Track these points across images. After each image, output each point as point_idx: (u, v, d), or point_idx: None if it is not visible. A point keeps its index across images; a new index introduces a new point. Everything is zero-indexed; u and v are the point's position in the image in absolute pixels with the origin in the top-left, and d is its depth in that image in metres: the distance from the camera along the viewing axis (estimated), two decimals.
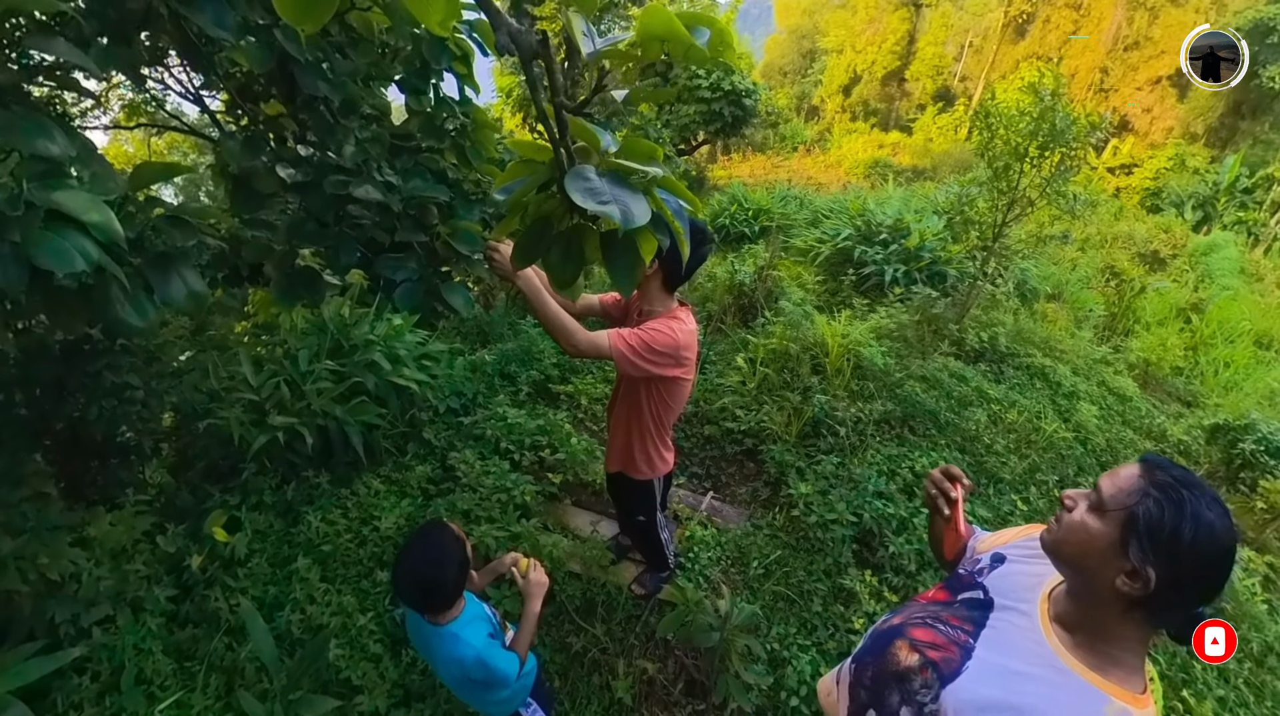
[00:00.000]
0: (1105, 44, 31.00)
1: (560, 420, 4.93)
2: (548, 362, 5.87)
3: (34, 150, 1.14)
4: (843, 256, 8.72)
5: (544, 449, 4.59)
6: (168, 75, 3.46)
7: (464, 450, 4.45)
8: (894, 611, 1.64)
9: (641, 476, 2.95)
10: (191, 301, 1.47)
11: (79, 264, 1.10)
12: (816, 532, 3.96)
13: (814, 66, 43.66)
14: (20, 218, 1.07)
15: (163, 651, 2.95)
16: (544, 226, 1.30)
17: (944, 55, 38.09)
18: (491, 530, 3.72)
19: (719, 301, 7.41)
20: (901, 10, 38.55)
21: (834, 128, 35.92)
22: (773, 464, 4.67)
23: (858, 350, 5.56)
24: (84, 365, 3.36)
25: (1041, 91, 6.02)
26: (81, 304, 1.29)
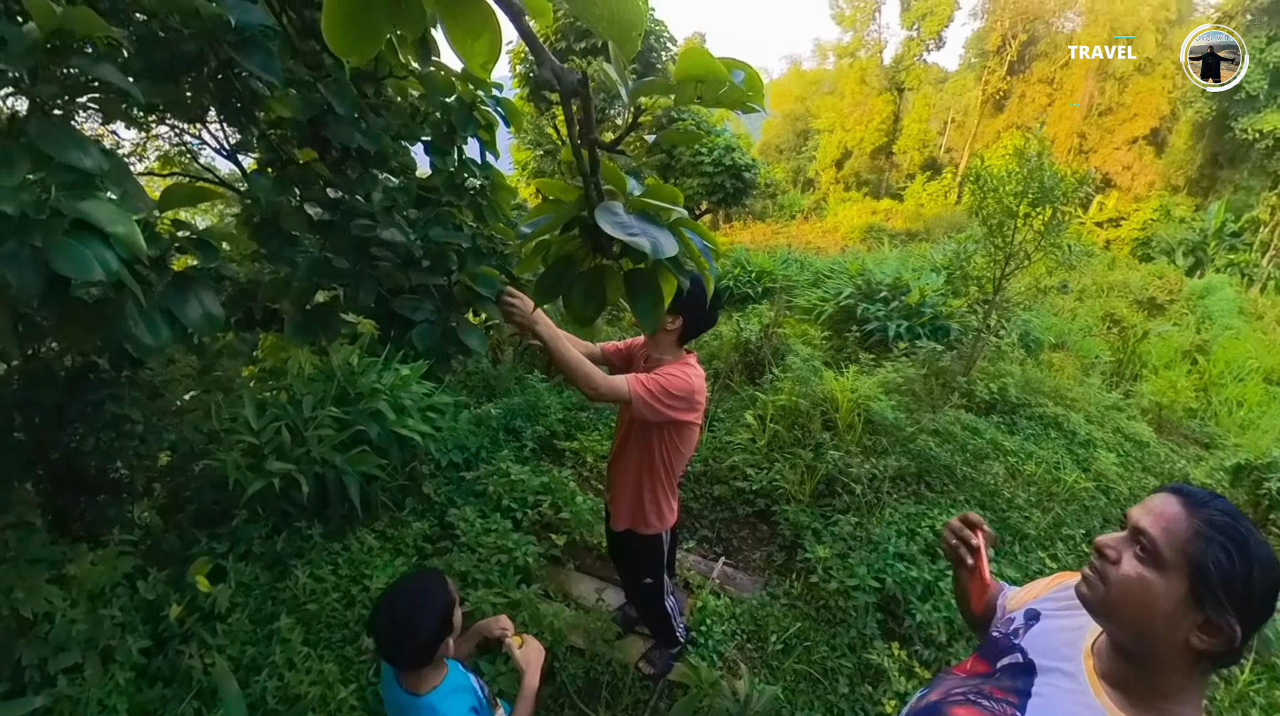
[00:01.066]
0: (1081, 111, 31.42)
1: (565, 478, 4.52)
2: (553, 418, 5.49)
3: (68, 160, 1.11)
4: (846, 314, 8.39)
5: (547, 507, 4.19)
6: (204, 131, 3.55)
7: (464, 507, 4.06)
8: (929, 686, 1.42)
9: (651, 530, 2.73)
10: (207, 324, 1.40)
11: (97, 272, 1.05)
12: (837, 601, 3.50)
13: (808, 144, 44.41)
14: (44, 222, 1.04)
15: (128, 711, 2.59)
16: (566, 265, 1.27)
17: (928, 130, 38.63)
18: (489, 595, 3.31)
19: (725, 359, 7.04)
20: (885, 94, 39.25)
21: (829, 197, 36.29)
22: (787, 525, 4.23)
23: (868, 404, 5.17)
24: (87, 394, 3.12)
25: (1028, 154, 6.09)
26: (94, 319, 1.23)
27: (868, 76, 39.54)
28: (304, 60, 1.83)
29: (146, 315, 1.29)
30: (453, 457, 4.55)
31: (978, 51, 37.18)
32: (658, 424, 2.46)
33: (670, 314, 2.41)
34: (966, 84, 37.86)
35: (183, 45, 1.48)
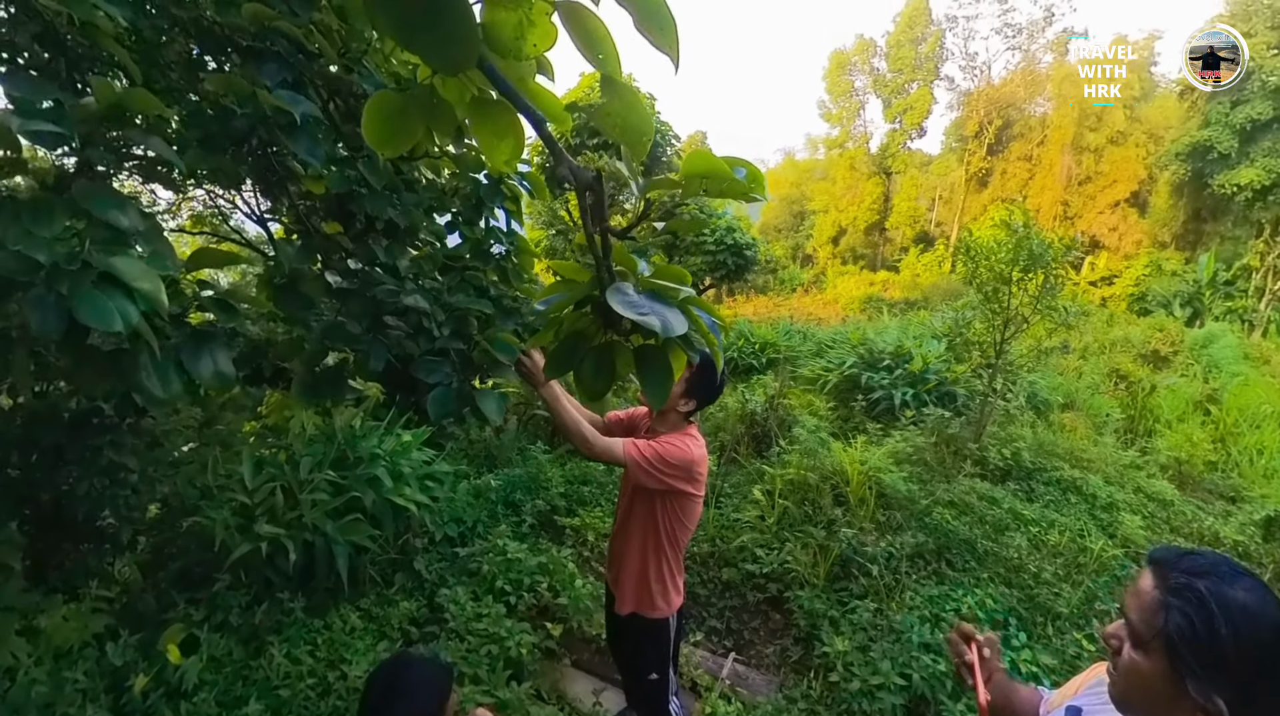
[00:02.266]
0: (1060, 183, 31.62)
1: (564, 558, 4.04)
2: (555, 491, 5.04)
3: (106, 218, 1.13)
4: (850, 383, 7.96)
5: (545, 590, 3.74)
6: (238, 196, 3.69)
7: (456, 587, 3.63)
8: None
9: (658, 613, 2.49)
10: (217, 381, 1.38)
11: (117, 324, 1.04)
12: (860, 703, 2.99)
13: (804, 223, 44.88)
14: (74, 273, 1.04)
15: None
16: (578, 340, 1.27)
17: (918, 207, 38.88)
18: (475, 692, 2.88)
19: (731, 431, 6.59)
20: (875, 178, 39.71)
21: (827, 271, 36.26)
22: (801, 613, 3.74)
23: (878, 476, 4.71)
24: (88, 437, 2.97)
25: (1014, 224, 6.05)
26: (109, 366, 1.21)
27: (857, 164, 40.09)
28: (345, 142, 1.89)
29: (160, 367, 1.27)
30: (448, 531, 4.15)
31: (957, 137, 37.97)
32: (659, 493, 2.33)
33: (685, 397, 2.34)
34: (950, 165, 38.44)
35: (234, 123, 1.52)
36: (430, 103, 1.00)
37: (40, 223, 1.08)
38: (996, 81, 36.32)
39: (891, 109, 38.72)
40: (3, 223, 1.05)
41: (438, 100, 1.00)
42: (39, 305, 1.02)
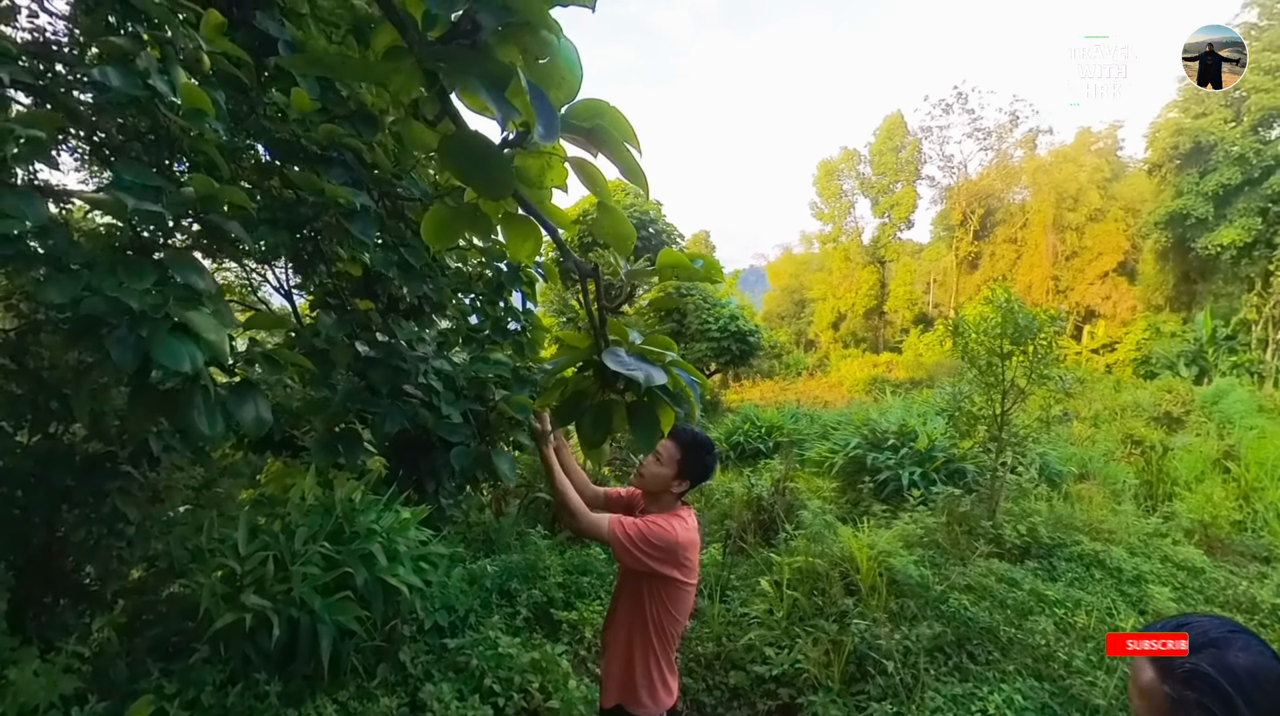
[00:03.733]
0: (1047, 260, 31.69)
1: (558, 655, 3.59)
2: (552, 582, 4.60)
3: (188, 281, 1.28)
4: (856, 465, 7.52)
5: (536, 690, 3.31)
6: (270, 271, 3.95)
7: (441, 683, 3.23)
8: None
9: (644, 711, 2.20)
10: (256, 426, 1.47)
11: (185, 365, 1.16)
12: None
13: (805, 311, 44.92)
14: (155, 320, 1.17)
15: None
16: (579, 398, 1.40)
17: (914, 291, 38.95)
18: None
19: (738, 518, 6.15)
20: (869, 266, 40.03)
21: (830, 355, 35.86)
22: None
23: (889, 561, 4.27)
24: (99, 482, 2.92)
25: (999, 302, 6.00)
26: (164, 404, 1.28)
27: (851, 255, 40.50)
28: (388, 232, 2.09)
29: (210, 409, 1.35)
30: (438, 619, 3.77)
31: (944, 227, 38.64)
32: (646, 578, 2.14)
33: (677, 478, 2.22)
34: (940, 252, 38.83)
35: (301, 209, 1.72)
36: (474, 215, 1.24)
37: (133, 277, 1.22)
38: (974, 177, 37.27)
39: (879, 206, 39.61)
40: (101, 273, 1.18)
41: (479, 214, 1.24)
42: (121, 343, 1.14)
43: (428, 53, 0.88)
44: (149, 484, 3.20)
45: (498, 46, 0.90)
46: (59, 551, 3.00)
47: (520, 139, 1.04)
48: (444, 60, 0.88)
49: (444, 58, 0.88)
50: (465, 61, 0.86)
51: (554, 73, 0.98)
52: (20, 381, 2.79)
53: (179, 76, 1.38)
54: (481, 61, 0.86)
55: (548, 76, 0.98)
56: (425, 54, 0.89)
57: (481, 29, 0.87)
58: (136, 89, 1.32)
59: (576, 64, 1.00)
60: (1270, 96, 22.40)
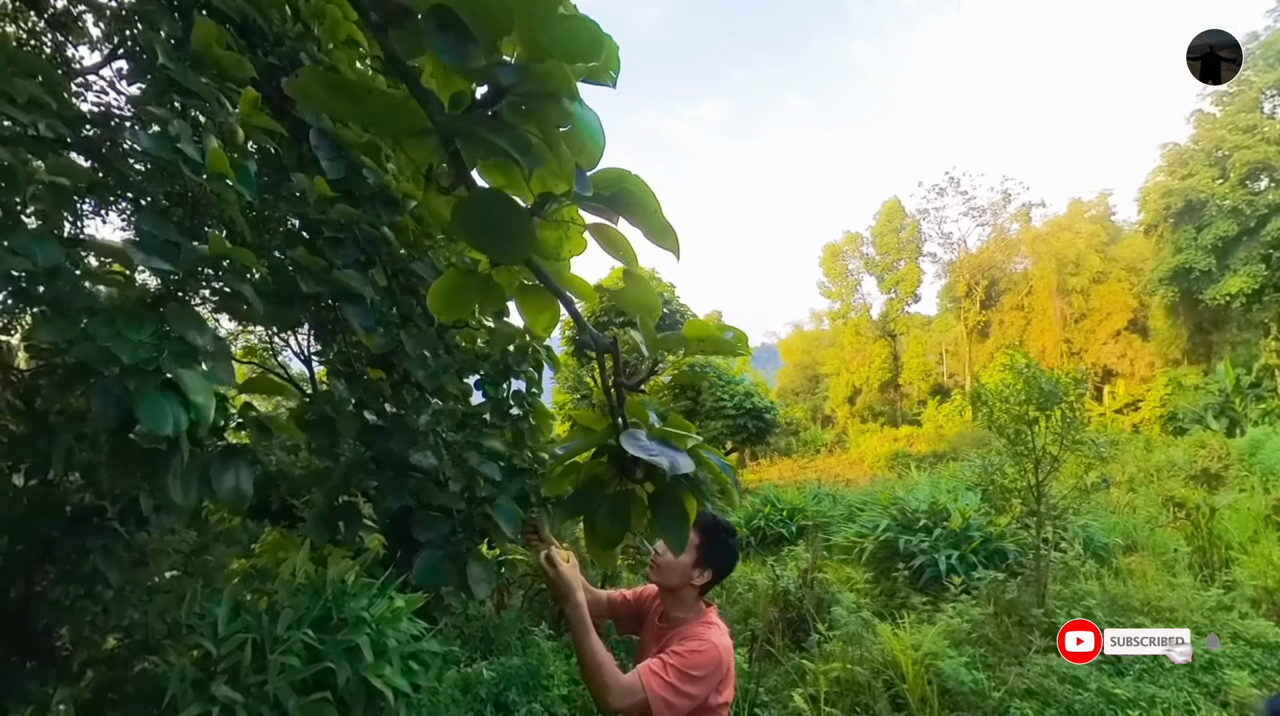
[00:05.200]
0: (1057, 324, 31.46)
1: None
2: (556, 695, 4.08)
3: (187, 336, 1.23)
4: (888, 549, 7.03)
5: None
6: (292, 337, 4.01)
7: None
8: None
9: None
10: (233, 497, 1.43)
11: (167, 427, 1.11)
12: None
13: (820, 386, 44.45)
14: (145, 374, 1.12)
15: None
16: (594, 486, 1.28)
17: (927, 362, 38.63)
18: None
19: (763, 615, 5.59)
20: (880, 340, 39.91)
21: (849, 430, 35.04)
22: None
23: (937, 665, 3.83)
24: (83, 537, 2.66)
25: (1019, 368, 5.72)
26: (142, 462, 1.23)
27: (861, 330, 40.48)
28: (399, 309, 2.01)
29: (187, 475, 1.30)
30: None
31: (950, 299, 38.95)
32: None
33: (698, 567, 1.91)
34: (949, 323, 38.89)
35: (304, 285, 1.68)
36: (486, 284, 1.20)
37: (131, 327, 1.17)
38: (974, 251, 37.90)
39: (885, 282, 40.05)
40: (98, 322, 1.15)
41: (492, 283, 1.20)
42: (104, 396, 1.09)
43: (447, 125, 0.88)
44: (136, 545, 2.92)
45: (517, 118, 0.88)
46: (34, 608, 2.72)
47: (540, 207, 1.01)
48: (464, 131, 0.87)
49: (463, 128, 0.88)
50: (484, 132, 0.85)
51: (575, 140, 0.96)
52: (25, 422, 2.65)
53: (210, 144, 1.41)
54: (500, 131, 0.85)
55: (569, 145, 0.96)
56: (445, 126, 0.88)
57: (501, 99, 0.86)
58: (166, 153, 1.35)
59: (598, 132, 0.97)
60: (1253, 152, 23.10)
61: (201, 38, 1.50)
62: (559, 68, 0.83)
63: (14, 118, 1.31)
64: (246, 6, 1.73)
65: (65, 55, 3.07)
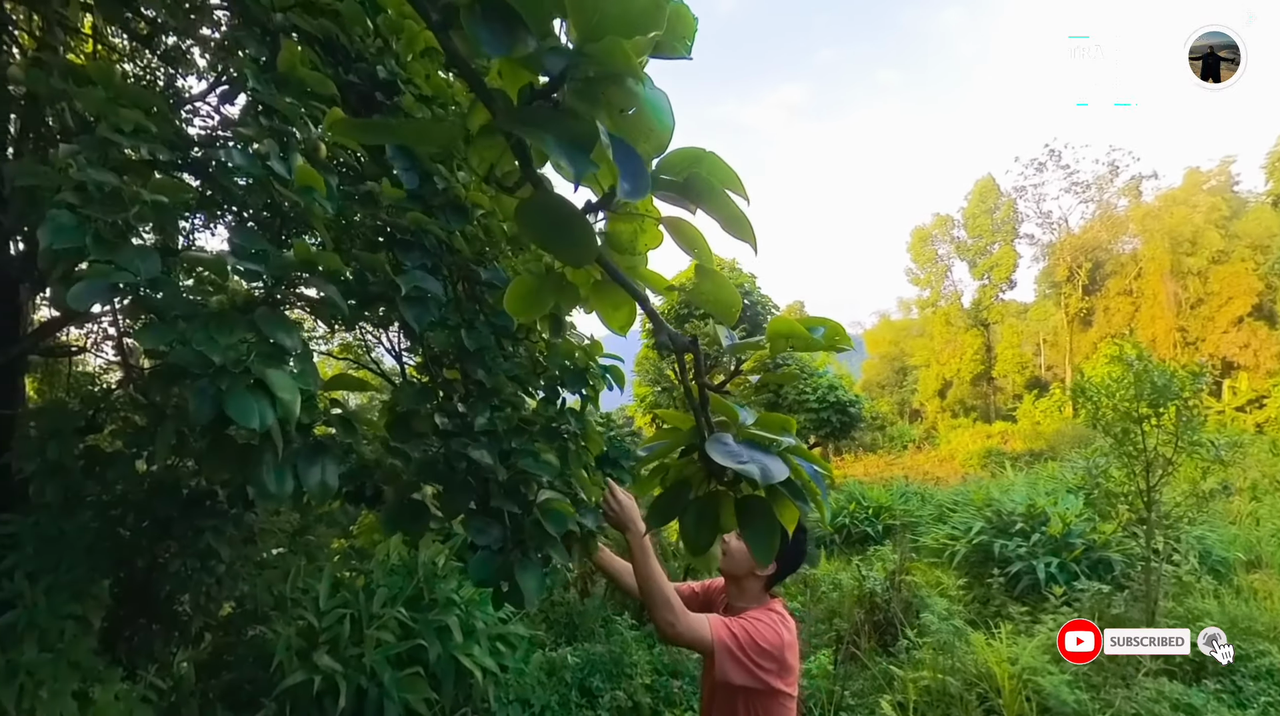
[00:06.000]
0: (1170, 310, 28.98)
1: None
2: (640, 682, 4.12)
3: (275, 338, 1.28)
4: (981, 553, 6.67)
5: None
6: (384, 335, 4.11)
7: None
8: None
9: None
10: (320, 491, 1.44)
11: (254, 423, 1.16)
12: None
13: (907, 379, 42.49)
14: (235, 375, 1.18)
15: None
16: (682, 489, 1.22)
17: (1023, 353, 36.45)
18: None
19: (848, 616, 5.44)
20: (973, 329, 37.88)
21: (938, 426, 33.32)
22: None
23: (1036, 681, 3.60)
24: (197, 517, 3.00)
25: (1128, 359, 5.20)
26: (237, 456, 1.29)
27: (952, 319, 38.56)
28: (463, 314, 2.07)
29: (279, 468, 1.35)
30: (511, 713, 3.49)
31: (1049, 284, 36.42)
32: (743, 693, 1.78)
33: None
34: (1048, 310, 36.39)
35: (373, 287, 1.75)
36: (560, 284, 1.20)
37: (222, 331, 1.25)
38: (1076, 231, 35.18)
39: (978, 268, 37.93)
40: (194, 326, 1.24)
41: (566, 282, 1.20)
42: (199, 395, 1.16)
43: (508, 119, 0.84)
44: (245, 524, 3.27)
45: (580, 103, 0.83)
46: (157, 579, 3.06)
47: (607, 200, 0.96)
48: (523, 123, 0.83)
49: (524, 121, 0.83)
50: (545, 122, 0.81)
51: (641, 124, 0.90)
52: (146, 414, 2.94)
53: (296, 160, 1.51)
54: (561, 120, 0.80)
55: (635, 129, 0.90)
56: (506, 120, 0.84)
57: (559, 86, 0.82)
58: (256, 170, 1.45)
59: (666, 113, 0.91)
60: None
61: (287, 59, 1.59)
62: (617, 45, 0.77)
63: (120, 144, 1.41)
64: (330, 26, 1.82)
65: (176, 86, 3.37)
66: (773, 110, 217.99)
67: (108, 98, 1.43)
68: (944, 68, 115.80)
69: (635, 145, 0.87)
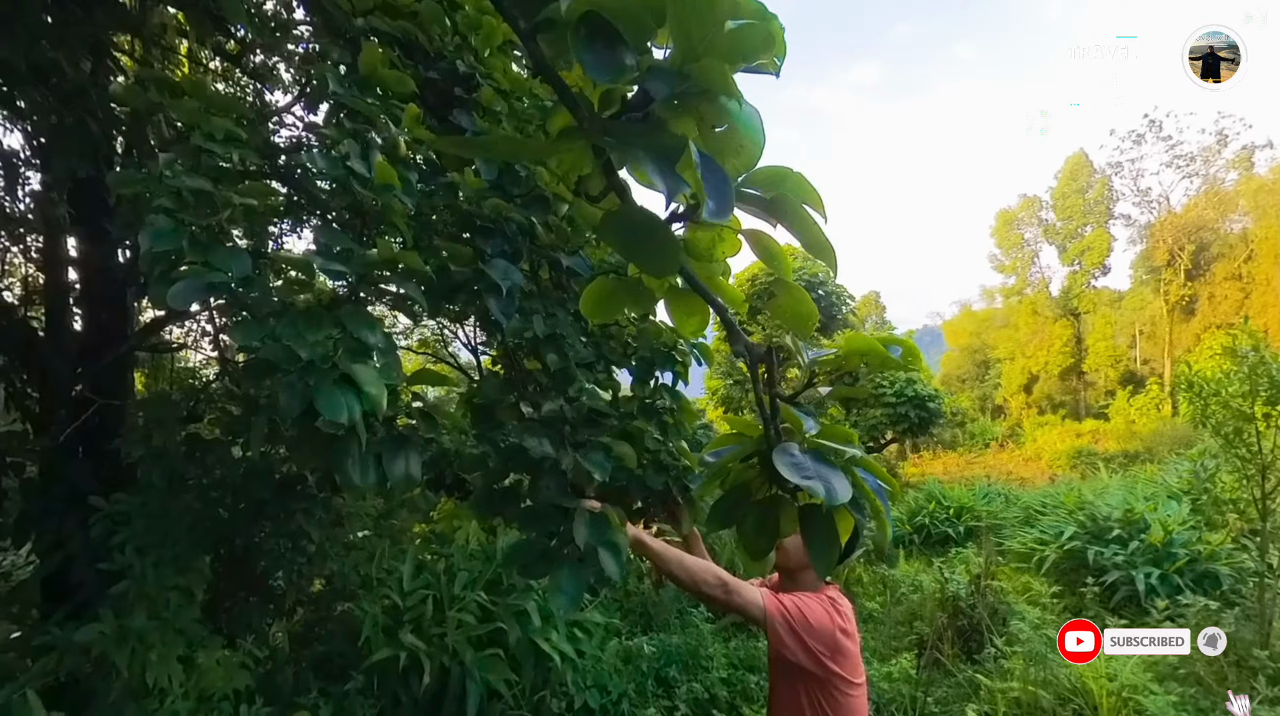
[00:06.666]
0: None
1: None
2: (716, 676, 4.14)
3: (359, 335, 1.36)
4: (1073, 560, 6.31)
5: None
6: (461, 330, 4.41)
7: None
8: None
9: None
10: (404, 481, 1.49)
11: (342, 416, 1.20)
12: None
13: (989, 373, 40.40)
14: (323, 370, 1.24)
15: None
16: (743, 493, 1.26)
17: (1117, 346, 33.98)
18: None
19: (930, 619, 5.26)
20: (1062, 320, 35.67)
21: (1023, 422, 31.36)
22: None
23: (1137, 701, 3.37)
24: (289, 501, 3.26)
25: (1242, 351, 4.83)
26: (325, 447, 1.33)
27: (1039, 308, 36.37)
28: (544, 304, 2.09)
29: (363, 459, 1.38)
30: (590, 700, 3.56)
31: (1147, 269, 33.62)
32: (804, 677, 1.77)
33: None
34: (1145, 298, 33.75)
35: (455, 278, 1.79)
36: (637, 289, 1.21)
37: (310, 328, 1.31)
38: (1179, 209, 32.38)
39: (1068, 253, 35.58)
40: (284, 324, 1.29)
41: (642, 288, 1.20)
42: (288, 389, 1.21)
43: (597, 129, 0.84)
44: (333, 508, 3.50)
45: (671, 118, 0.85)
46: (254, 556, 3.29)
47: (690, 213, 0.98)
48: (613, 136, 0.83)
49: (613, 133, 0.83)
50: (634, 136, 0.82)
51: (732, 141, 0.92)
52: (241, 405, 3.30)
53: (375, 158, 1.58)
54: (652, 134, 0.81)
55: (725, 145, 0.92)
56: (594, 130, 0.84)
57: (653, 100, 0.82)
58: (338, 171, 1.52)
59: (758, 130, 0.92)
60: None
61: (368, 61, 1.65)
62: (717, 68, 0.77)
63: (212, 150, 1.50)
64: (409, 26, 1.88)
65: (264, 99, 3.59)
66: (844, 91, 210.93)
67: (200, 107, 1.51)
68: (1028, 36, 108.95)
69: (724, 161, 0.88)
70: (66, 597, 2.77)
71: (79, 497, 2.78)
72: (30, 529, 2.91)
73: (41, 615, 2.89)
